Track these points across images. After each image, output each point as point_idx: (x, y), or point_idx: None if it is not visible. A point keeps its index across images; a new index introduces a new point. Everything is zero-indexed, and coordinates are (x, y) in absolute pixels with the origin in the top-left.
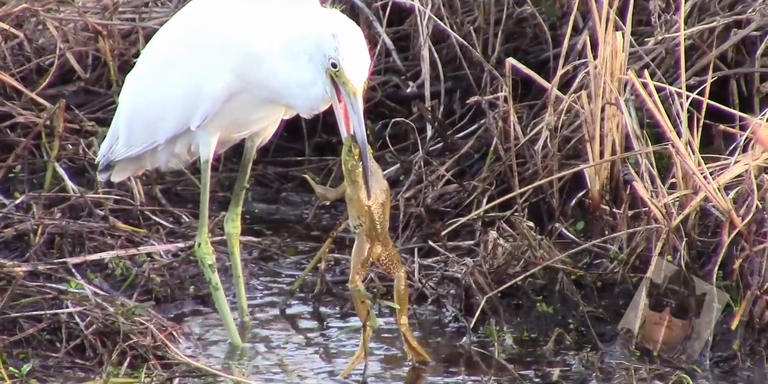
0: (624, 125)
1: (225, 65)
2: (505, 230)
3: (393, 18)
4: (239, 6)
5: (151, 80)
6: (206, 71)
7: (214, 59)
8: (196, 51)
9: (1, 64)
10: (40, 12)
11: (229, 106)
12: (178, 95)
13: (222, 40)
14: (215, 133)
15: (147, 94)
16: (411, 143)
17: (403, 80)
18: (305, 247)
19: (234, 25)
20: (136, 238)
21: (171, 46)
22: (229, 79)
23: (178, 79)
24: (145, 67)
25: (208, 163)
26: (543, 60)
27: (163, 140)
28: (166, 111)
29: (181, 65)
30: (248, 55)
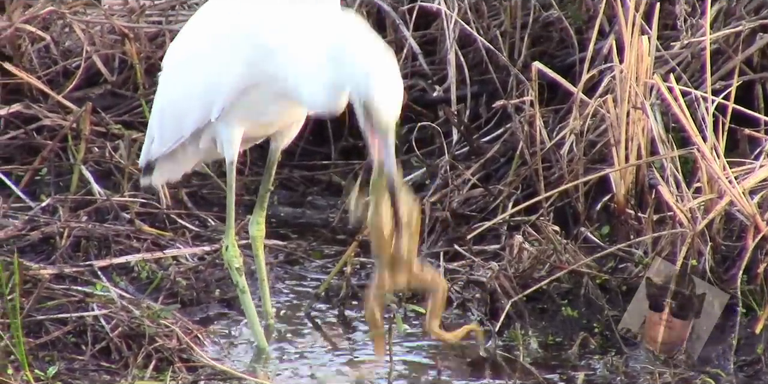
0: (649, 129)
1: (237, 57)
2: (531, 234)
3: (419, 22)
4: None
5: (175, 76)
6: (221, 64)
7: (228, 51)
8: (213, 44)
9: (27, 67)
10: (66, 15)
11: (245, 98)
12: (199, 89)
13: (235, 32)
14: (237, 129)
15: (172, 89)
16: (437, 147)
17: (430, 84)
18: (331, 250)
19: (247, 18)
20: (162, 241)
21: (191, 42)
22: (241, 71)
23: (198, 74)
24: (170, 64)
25: (233, 164)
26: (569, 64)
27: (189, 133)
28: (189, 105)
29: (200, 59)
30: (259, 46)
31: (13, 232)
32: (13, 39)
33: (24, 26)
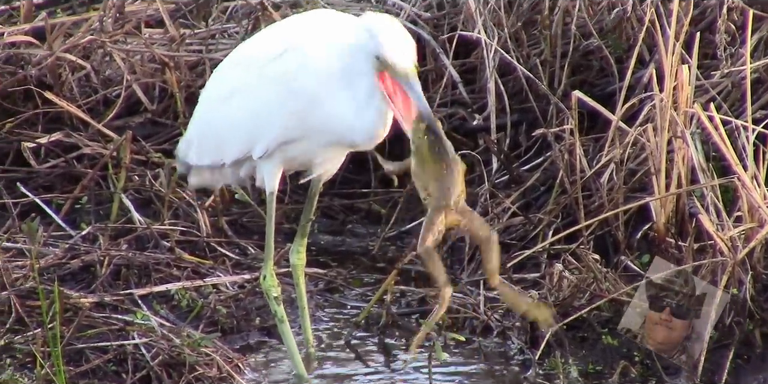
0: (690, 158)
1: (284, 108)
2: (571, 263)
3: (459, 50)
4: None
5: (218, 103)
6: (267, 110)
7: (274, 100)
8: (260, 87)
9: (68, 96)
10: (107, 43)
11: (288, 146)
12: (242, 124)
13: (283, 85)
14: (278, 165)
15: (215, 115)
16: (477, 176)
17: (470, 113)
18: (371, 278)
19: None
20: (202, 269)
21: (240, 74)
22: (287, 123)
23: (242, 109)
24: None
25: (273, 194)
26: (609, 93)
27: (230, 161)
28: (231, 136)
29: (246, 96)
30: (305, 96)
31: (53, 260)
32: (54, 68)
33: (64, 55)
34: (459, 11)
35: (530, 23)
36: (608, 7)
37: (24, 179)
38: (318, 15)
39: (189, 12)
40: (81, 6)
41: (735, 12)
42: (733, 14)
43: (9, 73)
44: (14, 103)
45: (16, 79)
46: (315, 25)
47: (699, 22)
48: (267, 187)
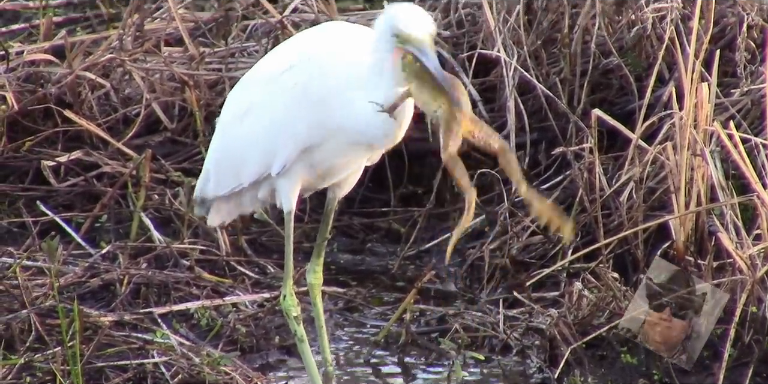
0: (709, 176)
1: (301, 117)
2: (590, 281)
3: (479, 69)
4: (315, 55)
5: (234, 124)
6: (284, 121)
7: (290, 111)
8: (274, 101)
9: (87, 114)
10: (126, 62)
11: (307, 154)
12: (259, 141)
13: (296, 89)
14: (296, 182)
15: (231, 137)
16: (496, 194)
17: None
18: (390, 297)
19: (306, 78)
20: (221, 288)
21: (252, 92)
22: (306, 131)
23: (258, 126)
24: (230, 110)
25: (291, 214)
26: (629, 111)
27: (248, 183)
28: (248, 155)
29: (260, 112)
30: (320, 102)
31: (73, 278)
32: (74, 86)
33: (84, 74)
34: (479, 29)
35: (550, 41)
36: (628, 26)
37: (44, 198)
38: (328, 26)
39: (208, 30)
40: (101, 24)
41: (755, 30)
42: (752, 32)
43: (29, 92)
44: (34, 122)
45: (36, 98)
46: (325, 34)
47: (719, 40)
48: (285, 206)
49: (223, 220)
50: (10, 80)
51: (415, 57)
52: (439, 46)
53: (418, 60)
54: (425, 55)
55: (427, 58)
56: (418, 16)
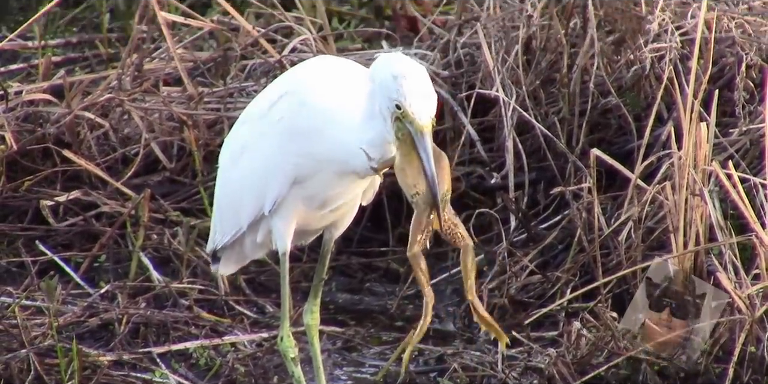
0: (708, 216)
1: (289, 150)
2: (589, 321)
3: (478, 108)
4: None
5: (231, 167)
6: (273, 156)
7: (278, 145)
8: (264, 137)
9: (86, 154)
10: (125, 102)
11: (296, 189)
12: (252, 180)
13: (281, 123)
14: (290, 221)
15: (228, 180)
16: (495, 234)
17: (488, 171)
18: (389, 337)
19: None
20: (220, 327)
21: (243, 132)
22: (294, 163)
23: (250, 165)
24: (226, 154)
25: (286, 255)
26: (628, 150)
27: (246, 226)
28: (244, 196)
29: (252, 151)
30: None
31: (72, 318)
32: (72, 126)
33: (83, 113)
34: (477, 69)
35: (548, 81)
36: (626, 65)
37: (43, 237)
38: (314, 60)
39: (207, 70)
40: (99, 64)
41: (753, 69)
42: (751, 72)
43: (28, 131)
44: (33, 161)
45: (35, 138)
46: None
47: (717, 79)
48: (279, 246)
49: (232, 270)
50: (9, 120)
51: (411, 138)
52: (438, 85)
53: (414, 143)
54: (422, 143)
55: (423, 147)
56: (425, 97)
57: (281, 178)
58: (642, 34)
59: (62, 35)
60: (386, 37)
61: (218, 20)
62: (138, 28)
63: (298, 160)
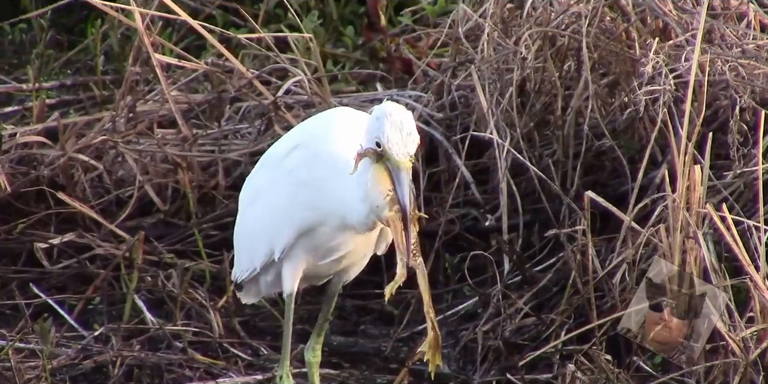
0: (702, 258)
1: (297, 202)
2: (583, 363)
3: (472, 151)
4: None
5: (248, 205)
6: (283, 206)
7: (287, 194)
8: (276, 186)
9: (80, 196)
10: (119, 144)
11: (305, 239)
12: (265, 225)
13: (292, 179)
14: (298, 266)
15: (245, 219)
16: (489, 276)
17: (482, 213)
18: (383, 379)
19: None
20: (214, 370)
21: (261, 176)
22: (301, 214)
23: (264, 210)
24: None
25: (292, 296)
26: (622, 193)
27: (259, 268)
28: (256, 240)
29: (266, 197)
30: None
31: (66, 360)
32: (66, 168)
33: (77, 155)
34: (471, 111)
35: (543, 123)
36: (620, 108)
37: (37, 280)
38: (330, 112)
39: (201, 112)
40: (93, 106)
41: (747, 112)
42: (745, 115)
43: (21, 174)
44: (27, 204)
45: (29, 180)
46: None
47: (711, 122)
48: (285, 288)
49: (253, 300)
50: (3, 162)
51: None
52: (432, 128)
53: (391, 179)
54: (398, 177)
55: (399, 181)
56: (404, 133)
57: (289, 227)
58: (636, 76)
59: (56, 77)
60: (381, 79)
61: (213, 62)
62: (132, 70)
63: (304, 212)
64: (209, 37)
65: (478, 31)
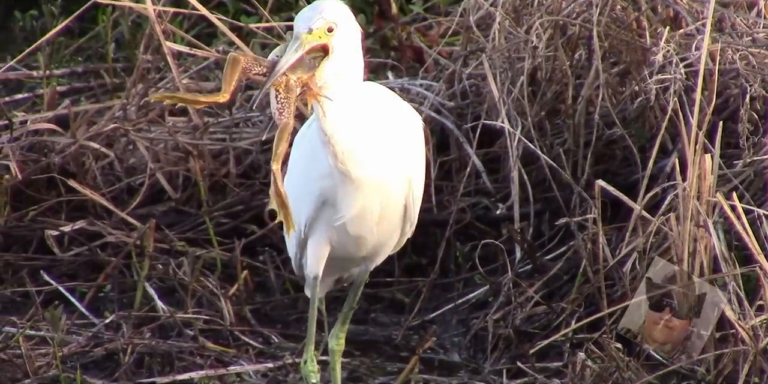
0: (712, 247)
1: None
2: (593, 351)
3: (483, 139)
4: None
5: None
6: (303, 176)
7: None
8: (295, 161)
9: (91, 184)
10: (130, 131)
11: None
12: (292, 201)
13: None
14: (323, 245)
15: None
16: (500, 265)
17: (493, 202)
18: (394, 367)
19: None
20: (225, 358)
21: (295, 148)
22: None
23: (291, 184)
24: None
25: (317, 279)
26: (632, 182)
27: (296, 247)
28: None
29: (289, 174)
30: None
31: (76, 348)
32: (77, 156)
33: (88, 143)
34: (483, 100)
35: (553, 112)
36: (631, 97)
37: (47, 267)
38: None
39: None
40: (104, 94)
41: (758, 101)
42: (755, 103)
43: (32, 161)
44: (38, 191)
45: (40, 167)
46: None
47: (722, 111)
48: (310, 270)
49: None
50: (14, 150)
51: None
52: (444, 116)
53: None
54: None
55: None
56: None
57: (309, 197)
58: (647, 65)
59: (67, 65)
60: (391, 68)
61: (224, 50)
62: (143, 58)
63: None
64: (220, 26)
65: (489, 20)
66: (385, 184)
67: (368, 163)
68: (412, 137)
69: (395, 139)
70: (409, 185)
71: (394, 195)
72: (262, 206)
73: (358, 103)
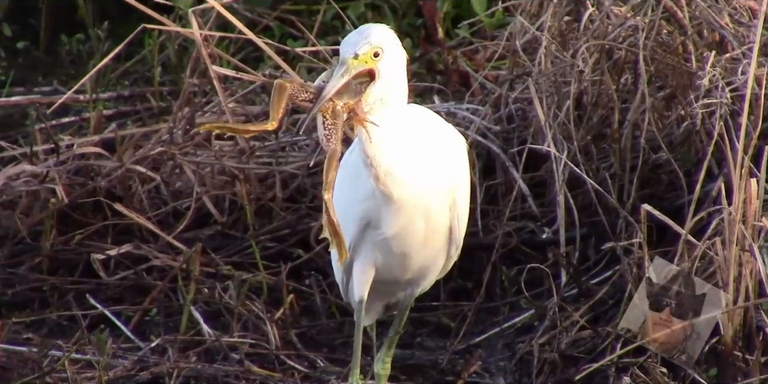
0: (757, 271)
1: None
2: (639, 376)
3: (529, 163)
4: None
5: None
6: (347, 198)
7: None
8: (341, 182)
9: (137, 207)
10: (177, 155)
11: (370, 233)
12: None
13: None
14: (368, 268)
15: None
16: (546, 289)
17: (539, 226)
18: None
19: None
20: (270, 382)
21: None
22: (361, 203)
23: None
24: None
25: (362, 303)
26: (678, 206)
27: (343, 270)
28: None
29: (337, 192)
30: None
31: (122, 372)
32: (124, 179)
33: (134, 167)
34: (529, 124)
35: (599, 137)
36: (677, 121)
37: (93, 291)
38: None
39: None
40: (151, 117)
41: None
42: None
43: (79, 185)
44: (84, 215)
45: (86, 191)
46: None
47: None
48: (355, 294)
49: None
50: (61, 173)
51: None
52: (490, 140)
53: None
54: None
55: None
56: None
57: (353, 219)
58: (692, 89)
59: (113, 88)
60: (438, 92)
61: (270, 74)
62: (189, 82)
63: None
64: (266, 49)
65: (535, 44)
66: (427, 205)
67: (410, 184)
68: (455, 159)
69: (438, 162)
70: (453, 207)
71: (438, 217)
72: (307, 230)
73: (402, 125)
